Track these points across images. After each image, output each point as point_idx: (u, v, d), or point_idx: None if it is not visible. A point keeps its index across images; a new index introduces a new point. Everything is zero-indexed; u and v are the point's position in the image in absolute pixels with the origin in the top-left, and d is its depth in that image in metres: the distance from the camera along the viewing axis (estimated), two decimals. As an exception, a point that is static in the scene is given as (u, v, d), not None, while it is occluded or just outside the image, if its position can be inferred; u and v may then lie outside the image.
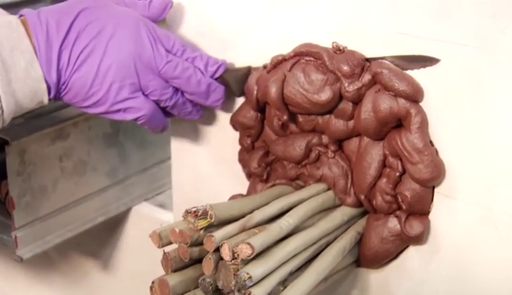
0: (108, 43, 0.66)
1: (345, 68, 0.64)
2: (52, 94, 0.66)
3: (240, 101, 0.74)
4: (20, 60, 0.62)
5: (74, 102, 0.68)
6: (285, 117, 0.68)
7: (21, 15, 0.66)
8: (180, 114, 0.74)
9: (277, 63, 0.68)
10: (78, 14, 0.66)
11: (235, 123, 0.74)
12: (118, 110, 0.69)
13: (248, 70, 0.72)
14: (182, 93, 0.72)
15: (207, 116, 0.80)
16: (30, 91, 0.63)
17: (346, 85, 0.64)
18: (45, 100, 0.65)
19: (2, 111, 0.62)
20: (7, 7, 0.71)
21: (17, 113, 0.64)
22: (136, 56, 0.67)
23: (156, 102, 0.71)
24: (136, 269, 0.94)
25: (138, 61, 0.68)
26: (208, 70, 0.71)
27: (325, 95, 0.65)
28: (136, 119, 0.71)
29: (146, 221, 0.90)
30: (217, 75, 0.72)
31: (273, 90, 0.67)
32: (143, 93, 0.69)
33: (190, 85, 0.70)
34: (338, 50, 0.66)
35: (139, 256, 0.93)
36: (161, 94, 0.70)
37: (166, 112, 0.73)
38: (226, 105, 0.76)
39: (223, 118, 0.77)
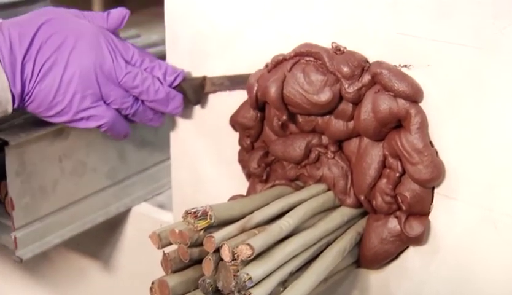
0: (70, 55, 0.69)
1: (345, 69, 0.64)
2: (16, 104, 0.69)
3: (239, 101, 0.74)
4: None
5: (38, 112, 0.71)
6: (284, 117, 0.68)
7: None
8: (142, 121, 0.78)
9: (278, 63, 0.68)
10: (41, 26, 0.68)
11: (234, 124, 0.74)
12: (81, 119, 0.73)
13: (203, 80, 0.76)
14: (143, 101, 0.75)
15: (207, 117, 0.80)
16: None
17: (346, 86, 0.64)
18: (9, 109, 0.68)
19: None
20: (5, 7, 0.72)
21: None
22: (97, 67, 0.70)
23: (118, 110, 0.74)
24: (136, 270, 0.94)
25: (99, 71, 0.71)
26: (166, 79, 0.75)
27: (325, 96, 0.65)
28: (99, 127, 0.74)
29: (146, 221, 0.90)
30: (175, 83, 0.76)
31: (273, 90, 0.67)
32: (104, 102, 0.73)
33: (149, 93, 0.74)
34: (338, 51, 0.66)
35: (139, 257, 0.93)
36: (122, 102, 0.74)
37: (128, 119, 0.77)
38: (225, 106, 0.76)
39: (223, 118, 0.77)
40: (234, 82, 0.74)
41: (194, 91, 0.77)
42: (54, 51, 0.68)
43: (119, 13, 0.74)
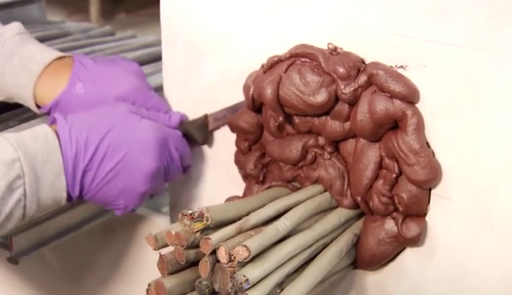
0: (134, 167, 0.70)
1: (341, 70, 0.64)
2: (72, 200, 0.71)
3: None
4: (50, 172, 0.66)
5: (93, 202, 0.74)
6: (280, 119, 0.68)
7: (54, 119, 0.70)
8: None
9: (273, 64, 0.68)
10: (106, 134, 0.69)
11: (234, 126, 0.74)
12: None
13: (205, 118, 0.77)
14: None
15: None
16: (52, 198, 0.67)
17: (342, 86, 0.64)
18: (63, 203, 0.70)
19: (24, 214, 0.65)
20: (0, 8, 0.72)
21: (36, 213, 0.67)
22: (157, 176, 0.73)
23: None
24: (132, 271, 0.94)
25: (158, 177, 0.73)
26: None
27: (321, 97, 0.65)
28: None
29: (142, 223, 0.90)
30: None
31: (268, 91, 0.67)
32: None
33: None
34: (334, 52, 0.66)
35: (135, 259, 0.92)
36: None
37: None
38: (221, 107, 0.76)
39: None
40: (236, 111, 0.74)
41: (199, 131, 0.77)
42: (118, 162, 0.69)
43: (178, 115, 0.77)
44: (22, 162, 0.63)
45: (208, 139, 0.79)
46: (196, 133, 0.77)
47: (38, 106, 0.76)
